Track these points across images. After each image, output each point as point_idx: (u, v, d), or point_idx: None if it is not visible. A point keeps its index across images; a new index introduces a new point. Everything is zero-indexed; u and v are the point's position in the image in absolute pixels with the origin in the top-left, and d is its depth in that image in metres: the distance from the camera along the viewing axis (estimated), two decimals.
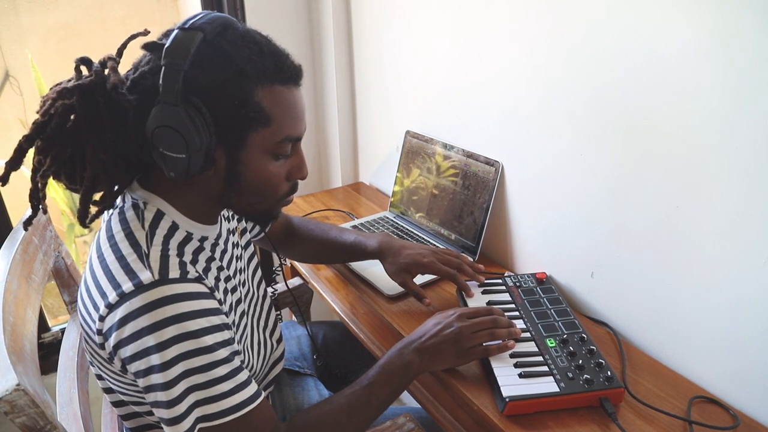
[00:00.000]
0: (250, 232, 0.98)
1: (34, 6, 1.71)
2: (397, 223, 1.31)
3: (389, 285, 1.04)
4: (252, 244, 0.94)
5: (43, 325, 1.46)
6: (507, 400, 0.74)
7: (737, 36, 0.69)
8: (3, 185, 0.67)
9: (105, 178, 0.66)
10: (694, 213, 0.79)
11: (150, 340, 0.60)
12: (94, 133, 0.63)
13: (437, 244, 1.19)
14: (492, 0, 1.03)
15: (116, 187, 0.70)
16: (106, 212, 0.72)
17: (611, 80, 0.86)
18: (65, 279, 0.99)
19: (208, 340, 0.63)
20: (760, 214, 0.72)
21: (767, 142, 0.69)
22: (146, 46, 0.64)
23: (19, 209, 1.06)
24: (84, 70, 0.66)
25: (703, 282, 0.81)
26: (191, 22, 0.63)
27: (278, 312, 1.38)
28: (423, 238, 1.23)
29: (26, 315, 0.78)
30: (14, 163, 0.65)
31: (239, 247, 0.86)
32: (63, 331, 0.98)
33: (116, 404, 0.79)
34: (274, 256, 1.70)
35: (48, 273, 0.92)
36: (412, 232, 1.26)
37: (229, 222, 0.85)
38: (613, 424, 0.74)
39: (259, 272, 0.93)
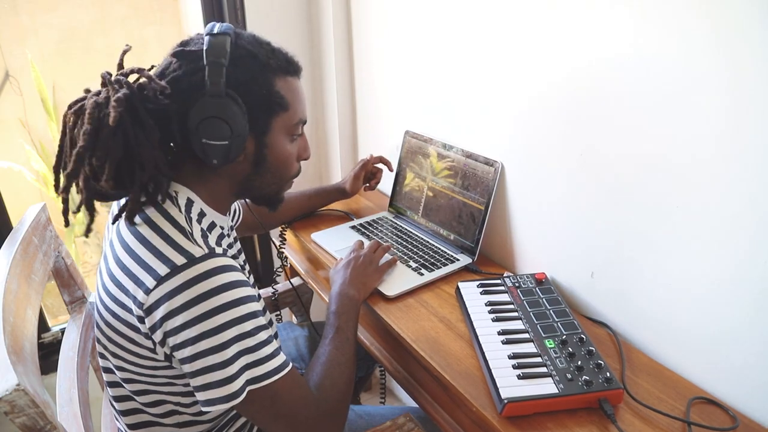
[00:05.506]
0: (233, 229, 1.00)
1: (34, 6, 1.71)
2: (396, 223, 1.31)
3: (389, 286, 1.04)
4: (242, 252, 0.95)
5: (43, 325, 1.46)
6: (506, 401, 0.74)
7: (739, 36, 0.69)
8: (65, 196, 0.71)
9: (160, 174, 0.72)
10: (695, 213, 0.79)
11: (203, 307, 0.66)
12: (144, 135, 0.69)
13: (436, 244, 1.20)
14: (492, 0, 1.03)
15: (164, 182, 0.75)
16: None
17: (611, 80, 0.86)
18: (65, 279, 0.99)
19: (254, 306, 0.70)
20: (760, 215, 0.72)
21: (767, 142, 0.69)
22: (177, 54, 0.73)
23: (19, 209, 1.07)
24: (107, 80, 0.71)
25: (704, 282, 0.81)
26: (213, 30, 0.72)
27: (278, 312, 1.39)
28: (422, 238, 1.23)
29: (26, 315, 0.78)
30: (75, 173, 0.68)
31: (238, 256, 0.90)
32: (63, 331, 0.98)
33: (117, 399, 0.81)
34: (275, 256, 1.71)
35: (48, 273, 0.92)
36: (411, 232, 1.26)
37: (232, 220, 0.91)
38: (612, 426, 0.74)
39: (251, 277, 0.96)
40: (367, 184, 1.36)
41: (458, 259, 1.14)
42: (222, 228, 0.81)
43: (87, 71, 1.86)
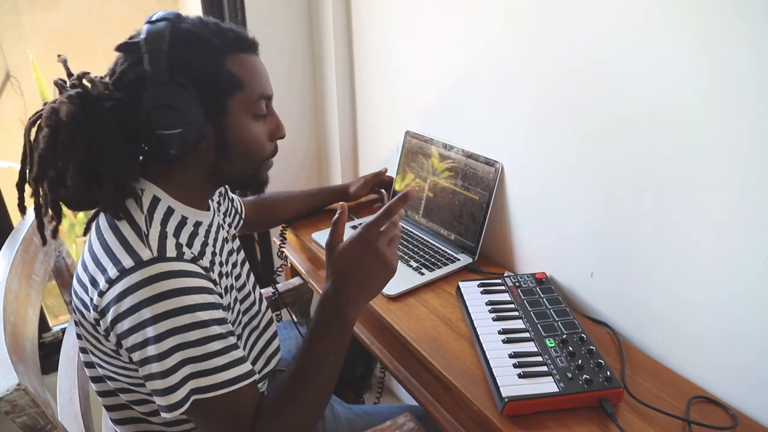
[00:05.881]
0: (234, 228, 1.00)
1: (35, 6, 1.71)
2: None
3: (389, 285, 1.04)
4: (242, 249, 0.95)
5: (43, 325, 1.46)
6: (506, 400, 0.74)
7: (739, 36, 0.69)
8: (37, 201, 0.70)
9: (125, 167, 0.70)
10: (694, 213, 0.79)
11: (146, 313, 0.64)
12: (103, 131, 0.67)
13: (437, 245, 1.20)
14: (491, 0, 1.03)
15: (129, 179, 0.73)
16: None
17: (611, 80, 0.86)
18: (66, 279, 0.99)
19: (203, 315, 0.66)
20: (759, 214, 0.72)
21: (766, 143, 0.69)
22: (120, 47, 0.71)
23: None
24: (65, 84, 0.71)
25: (703, 282, 0.81)
26: (152, 18, 0.71)
27: (278, 312, 1.39)
28: (423, 238, 1.23)
29: (27, 315, 0.78)
30: (41, 177, 0.67)
31: (234, 253, 0.89)
32: (64, 330, 0.98)
33: (102, 394, 0.80)
34: (275, 256, 1.71)
35: (49, 273, 0.92)
36: (412, 232, 1.26)
37: (223, 219, 0.89)
38: (613, 425, 0.74)
39: (252, 275, 0.96)
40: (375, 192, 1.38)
41: (459, 259, 1.14)
42: (198, 224, 0.77)
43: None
